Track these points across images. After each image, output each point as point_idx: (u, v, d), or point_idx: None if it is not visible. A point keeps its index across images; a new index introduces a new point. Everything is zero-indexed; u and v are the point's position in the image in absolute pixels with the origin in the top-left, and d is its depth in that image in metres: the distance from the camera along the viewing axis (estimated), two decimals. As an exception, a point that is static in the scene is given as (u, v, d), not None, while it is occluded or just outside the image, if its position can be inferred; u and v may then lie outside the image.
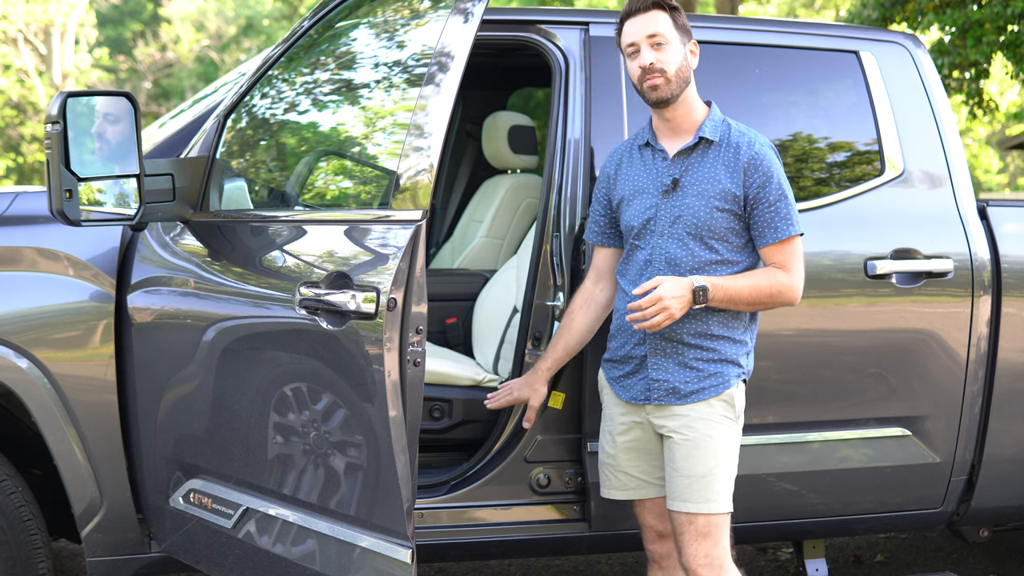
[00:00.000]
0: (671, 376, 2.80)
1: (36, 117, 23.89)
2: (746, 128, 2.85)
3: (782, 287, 2.78)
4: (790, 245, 2.80)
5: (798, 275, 2.81)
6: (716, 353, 2.80)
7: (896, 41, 3.61)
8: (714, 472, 2.77)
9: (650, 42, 2.78)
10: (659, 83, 2.77)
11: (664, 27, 2.79)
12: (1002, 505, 3.61)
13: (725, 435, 2.80)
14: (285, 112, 3.17)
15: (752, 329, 2.89)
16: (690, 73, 2.83)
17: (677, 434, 2.79)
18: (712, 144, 2.81)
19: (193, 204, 2.98)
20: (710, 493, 2.76)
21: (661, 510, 2.93)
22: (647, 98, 2.82)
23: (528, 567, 4.35)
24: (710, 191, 2.78)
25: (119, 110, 2.79)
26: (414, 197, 2.54)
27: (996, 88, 16.40)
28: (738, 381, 2.83)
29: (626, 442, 2.92)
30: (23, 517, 3.00)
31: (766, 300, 2.79)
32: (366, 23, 3.04)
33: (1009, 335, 3.45)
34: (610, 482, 2.97)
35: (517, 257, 3.97)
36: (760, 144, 2.81)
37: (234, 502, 2.88)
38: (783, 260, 2.79)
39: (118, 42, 29.93)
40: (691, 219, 2.78)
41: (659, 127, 2.88)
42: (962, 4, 10.55)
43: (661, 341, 2.81)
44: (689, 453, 2.77)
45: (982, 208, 3.53)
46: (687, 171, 2.81)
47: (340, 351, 2.61)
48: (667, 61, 2.78)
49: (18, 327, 2.94)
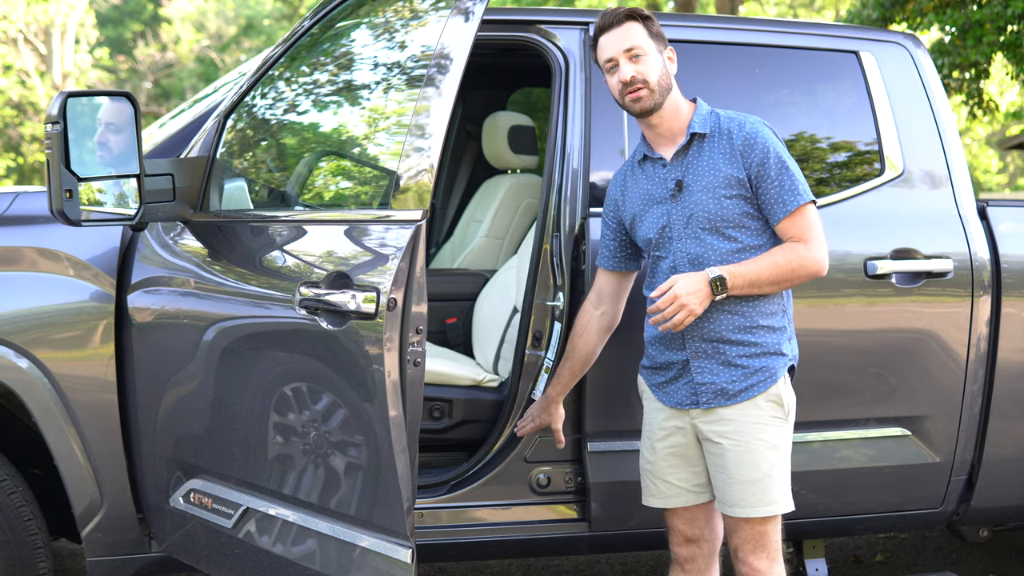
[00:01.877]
0: (717, 377, 2.77)
1: (36, 117, 23.90)
2: (735, 113, 2.83)
3: (803, 260, 2.74)
4: (802, 215, 2.75)
5: (818, 245, 2.76)
6: (759, 347, 2.77)
7: (896, 41, 3.62)
8: (769, 475, 2.75)
9: (628, 56, 2.78)
10: (643, 95, 2.77)
11: (639, 39, 2.78)
12: (1002, 505, 3.61)
13: (776, 437, 2.77)
14: (285, 112, 3.17)
15: (788, 312, 2.86)
16: (671, 79, 2.82)
17: (727, 440, 2.77)
18: (705, 137, 2.80)
19: (193, 204, 2.98)
20: (767, 496, 2.75)
21: (693, 516, 2.92)
22: (631, 111, 2.82)
23: (528, 567, 4.35)
24: (714, 182, 2.77)
25: (119, 110, 2.79)
26: (414, 197, 2.54)
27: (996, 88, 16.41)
28: (784, 372, 2.79)
29: (666, 448, 2.89)
30: (23, 517, 3.00)
31: (789, 276, 2.74)
32: (366, 23, 3.04)
33: (1009, 335, 3.45)
34: (649, 489, 2.95)
35: (517, 257, 3.98)
36: (751, 123, 2.78)
37: (234, 502, 2.88)
38: (799, 232, 2.75)
39: (118, 42, 29.93)
40: (703, 214, 2.77)
41: (651, 137, 2.88)
42: (962, 4, 10.56)
43: (702, 343, 2.79)
44: (741, 459, 2.75)
45: (982, 208, 3.53)
46: (688, 170, 2.81)
47: (340, 351, 2.61)
48: (648, 72, 2.77)
49: (18, 327, 2.94)
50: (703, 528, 2.93)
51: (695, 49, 3.45)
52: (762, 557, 2.80)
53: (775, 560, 2.81)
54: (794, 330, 2.90)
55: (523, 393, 3.24)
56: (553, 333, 3.21)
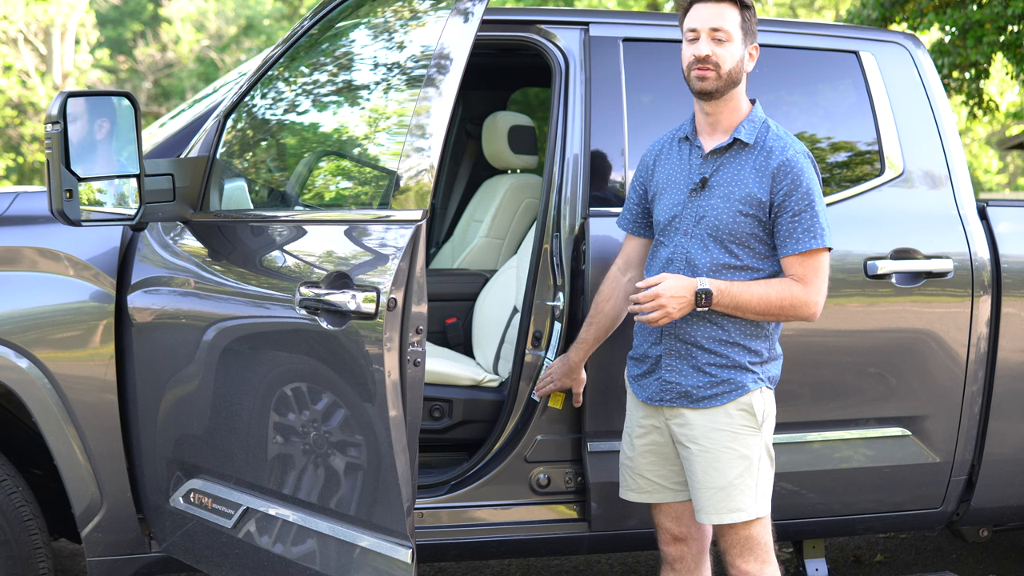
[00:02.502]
0: (683, 379, 2.77)
1: (36, 117, 23.90)
2: (786, 133, 2.78)
3: (795, 301, 2.69)
4: (811, 259, 2.70)
5: (816, 290, 2.71)
6: (729, 359, 2.74)
7: (896, 41, 3.62)
8: (735, 483, 2.72)
9: (712, 35, 2.72)
10: (709, 76, 2.71)
11: (731, 23, 2.72)
12: (1002, 505, 3.61)
13: (746, 445, 2.74)
14: (285, 112, 3.17)
15: (771, 339, 2.81)
16: (742, 75, 2.76)
17: (695, 444, 2.76)
18: (746, 146, 2.75)
19: (193, 204, 2.98)
20: (732, 504, 2.73)
21: (678, 513, 2.92)
22: (692, 87, 2.75)
23: (528, 567, 4.35)
24: (735, 194, 2.72)
25: (119, 110, 2.79)
26: (414, 197, 2.54)
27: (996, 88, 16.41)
28: (756, 386, 2.76)
29: (644, 445, 2.90)
30: (23, 517, 3.00)
31: (776, 312, 2.71)
32: (366, 23, 3.04)
33: (1009, 335, 3.45)
34: (627, 483, 2.96)
35: (517, 257, 3.98)
36: (794, 151, 2.72)
37: (234, 502, 2.88)
38: (801, 273, 2.70)
39: (118, 42, 29.92)
40: (713, 221, 2.73)
41: (700, 122, 2.82)
42: (962, 4, 10.56)
43: (676, 342, 2.78)
44: (708, 465, 2.74)
45: (982, 208, 3.53)
46: (717, 171, 2.76)
47: (340, 351, 2.61)
48: (724, 58, 2.71)
49: (18, 327, 2.94)
50: (689, 526, 2.92)
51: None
52: (750, 560, 2.79)
53: (765, 562, 2.80)
54: (777, 356, 2.85)
55: (523, 393, 3.24)
56: (553, 333, 3.21)
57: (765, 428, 2.79)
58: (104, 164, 2.81)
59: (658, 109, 3.47)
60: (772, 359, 2.82)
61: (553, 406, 3.22)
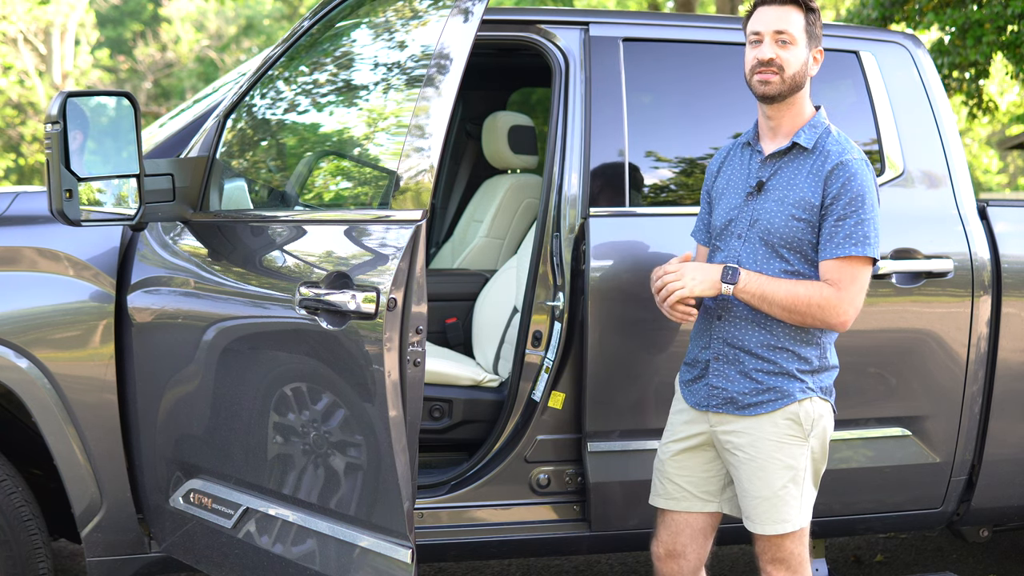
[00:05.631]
0: (730, 384, 2.72)
1: (36, 117, 23.90)
2: (846, 139, 2.71)
3: (824, 301, 2.60)
4: (850, 265, 2.61)
5: (849, 297, 2.61)
6: (776, 366, 2.69)
7: (896, 41, 3.62)
8: (780, 494, 2.69)
9: (776, 38, 2.66)
10: (772, 80, 2.66)
11: (795, 27, 2.67)
12: (1002, 505, 3.61)
13: (792, 455, 2.69)
14: (285, 112, 3.17)
15: (823, 347, 2.73)
16: (805, 79, 2.70)
17: (742, 452, 2.72)
18: (805, 151, 2.70)
19: (193, 204, 2.98)
20: (777, 515, 2.70)
21: (678, 527, 2.86)
22: (754, 90, 2.71)
23: (528, 567, 4.35)
24: (789, 198, 2.68)
25: (119, 110, 2.79)
26: (414, 197, 2.54)
27: (996, 88, 16.41)
28: (806, 396, 2.68)
29: (680, 449, 2.84)
30: (23, 517, 3.00)
31: (803, 310, 2.61)
32: (366, 23, 3.04)
33: (1009, 335, 3.45)
34: (657, 489, 2.90)
35: (517, 257, 3.98)
36: (851, 156, 2.65)
37: (234, 502, 2.88)
38: (836, 278, 2.62)
39: (118, 42, 29.93)
40: (766, 224, 2.69)
41: (762, 127, 2.79)
42: (962, 4, 10.56)
43: (725, 347, 2.73)
44: (754, 474, 2.71)
45: (982, 208, 3.53)
46: (775, 175, 2.72)
47: (340, 351, 2.61)
48: (788, 61, 2.66)
49: (18, 327, 2.93)
50: (686, 545, 2.86)
51: (696, 49, 3.46)
52: (781, 569, 2.76)
53: (796, 572, 2.76)
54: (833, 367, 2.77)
55: (523, 393, 3.25)
56: (553, 333, 3.21)
57: (813, 439, 2.72)
58: (104, 164, 2.81)
59: (658, 109, 3.47)
60: (824, 369, 2.74)
61: (553, 406, 3.22)
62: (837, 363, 2.79)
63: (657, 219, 3.32)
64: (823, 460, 2.77)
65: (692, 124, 3.51)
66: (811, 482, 2.75)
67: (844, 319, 2.63)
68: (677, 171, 3.46)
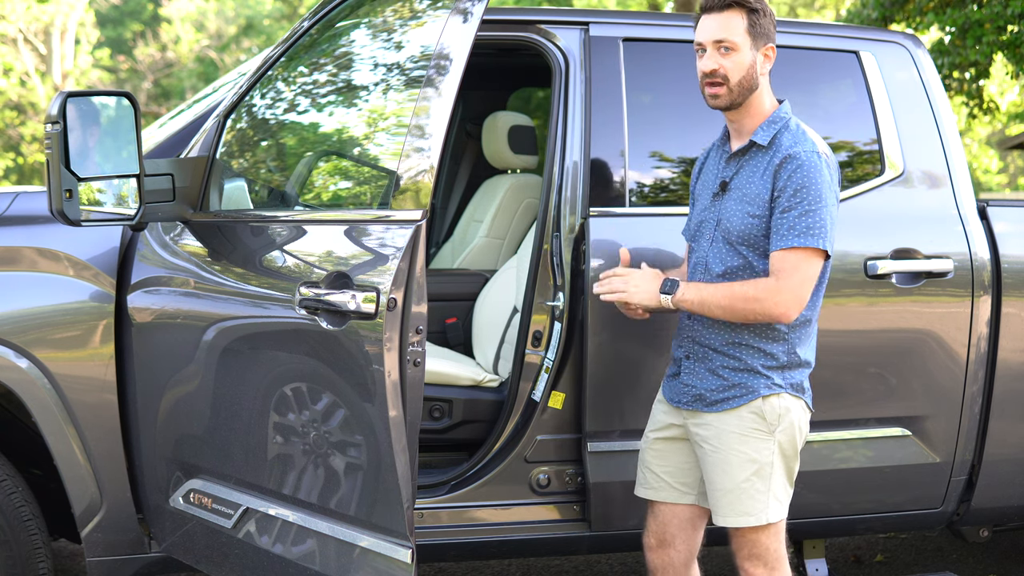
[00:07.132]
0: (699, 382, 2.75)
1: (36, 117, 23.90)
2: (803, 133, 2.68)
3: (761, 293, 2.58)
4: (791, 256, 2.58)
5: (789, 287, 2.57)
6: (740, 362, 2.70)
7: (896, 41, 3.61)
8: (743, 487, 2.70)
9: (717, 46, 2.65)
10: (720, 92, 2.67)
11: (736, 32, 2.64)
12: (1002, 505, 3.61)
13: (756, 449, 2.70)
14: (285, 112, 3.17)
15: (791, 343, 2.71)
16: (756, 81, 2.68)
17: (708, 444, 2.74)
18: (762, 149, 2.70)
19: (193, 204, 2.98)
20: (741, 507, 2.71)
21: (665, 518, 2.89)
22: (707, 102, 2.73)
23: (528, 567, 4.35)
24: (746, 196, 2.69)
25: (119, 110, 2.79)
26: (414, 197, 2.54)
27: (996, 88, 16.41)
28: (772, 392, 2.69)
29: (656, 439, 2.89)
30: (23, 517, 3.00)
31: (741, 306, 2.60)
32: (366, 23, 3.04)
33: (1009, 335, 3.45)
34: (639, 479, 2.95)
35: (517, 257, 3.98)
36: (802, 148, 2.63)
37: (234, 502, 2.88)
38: (778, 268, 2.59)
39: (118, 42, 29.93)
40: (727, 224, 2.70)
41: (729, 127, 2.81)
42: (962, 4, 10.56)
43: (695, 345, 2.76)
44: (717, 466, 2.73)
45: (982, 208, 3.53)
46: (737, 174, 2.73)
47: (340, 351, 2.61)
48: (731, 69, 2.65)
49: (18, 327, 2.94)
50: (675, 535, 2.88)
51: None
52: (758, 565, 2.76)
53: (774, 568, 2.77)
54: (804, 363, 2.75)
55: (523, 393, 3.25)
56: (553, 333, 3.21)
57: (780, 434, 2.71)
58: (104, 164, 2.81)
59: (658, 109, 3.47)
60: (793, 365, 2.72)
61: (553, 406, 3.22)
62: (811, 360, 2.78)
63: (657, 219, 3.32)
64: (795, 456, 2.77)
65: (692, 124, 3.50)
66: (782, 478, 2.75)
67: (783, 310, 2.59)
68: (677, 171, 3.46)
